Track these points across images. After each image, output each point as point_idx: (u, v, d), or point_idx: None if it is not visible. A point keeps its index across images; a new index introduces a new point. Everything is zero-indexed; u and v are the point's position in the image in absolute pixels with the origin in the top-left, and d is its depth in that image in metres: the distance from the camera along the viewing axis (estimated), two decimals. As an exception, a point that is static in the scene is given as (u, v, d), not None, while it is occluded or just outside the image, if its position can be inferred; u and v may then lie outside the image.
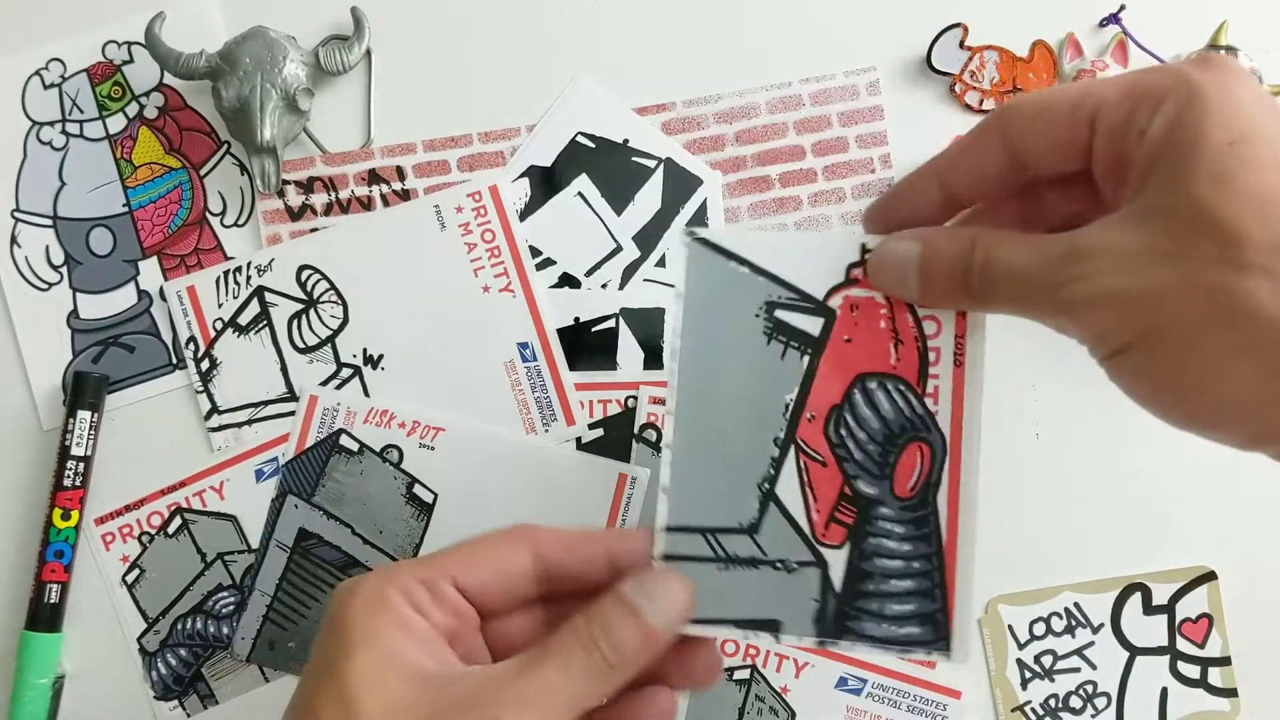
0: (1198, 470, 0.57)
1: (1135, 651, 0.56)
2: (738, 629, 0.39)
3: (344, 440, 0.58)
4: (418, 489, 0.58)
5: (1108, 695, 0.56)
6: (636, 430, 0.57)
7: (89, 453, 0.57)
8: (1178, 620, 0.56)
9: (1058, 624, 0.56)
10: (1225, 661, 0.56)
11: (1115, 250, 0.30)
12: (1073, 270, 0.31)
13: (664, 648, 0.35)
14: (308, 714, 0.31)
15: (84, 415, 0.57)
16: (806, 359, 0.41)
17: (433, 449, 0.57)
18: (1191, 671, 0.56)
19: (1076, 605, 0.56)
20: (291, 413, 0.58)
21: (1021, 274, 0.32)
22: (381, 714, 0.30)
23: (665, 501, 0.40)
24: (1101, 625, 0.56)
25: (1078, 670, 0.56)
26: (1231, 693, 0.56)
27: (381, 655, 0.32)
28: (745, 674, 0.50)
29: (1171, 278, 0.29)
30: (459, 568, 0.35)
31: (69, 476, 0.57)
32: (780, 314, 0.41)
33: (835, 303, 0.41)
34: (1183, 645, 0.56)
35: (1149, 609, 0.56)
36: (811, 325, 0.41)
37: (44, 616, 0.57)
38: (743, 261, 0.41)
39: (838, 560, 0.40)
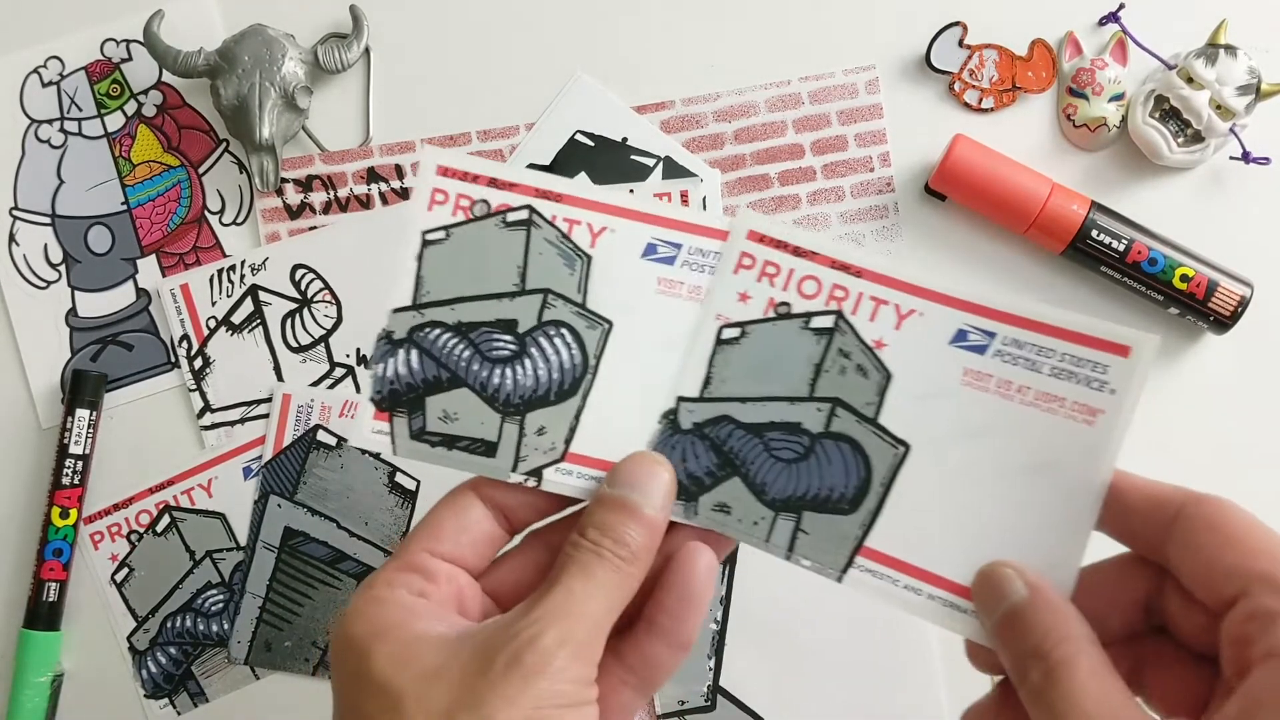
0: (1196, 469, 0.57)
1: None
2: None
3: (321, 435, 0.58)
4: (400, 477, 0.58)
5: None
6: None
7: (88, 451, 0.57)
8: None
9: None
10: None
11: None
12: None
13: (664, 528, 0.35)
14: None
15: (82, 414, 0.57)
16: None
17: None
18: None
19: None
20: (285, 411, 0.59)
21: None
22: (422, 685, 0.30)
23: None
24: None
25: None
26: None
27: (398, 642, 0.31)
28: (828, 321, 0.37)
29: None
30: (427, 542, 0.35)
31: (67, 475, 0.57)
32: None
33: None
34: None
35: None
36: None
37: (42, 615, 0.57)
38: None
39: None
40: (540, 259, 0.38)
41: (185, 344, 0.59)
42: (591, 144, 0.59)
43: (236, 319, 0.59)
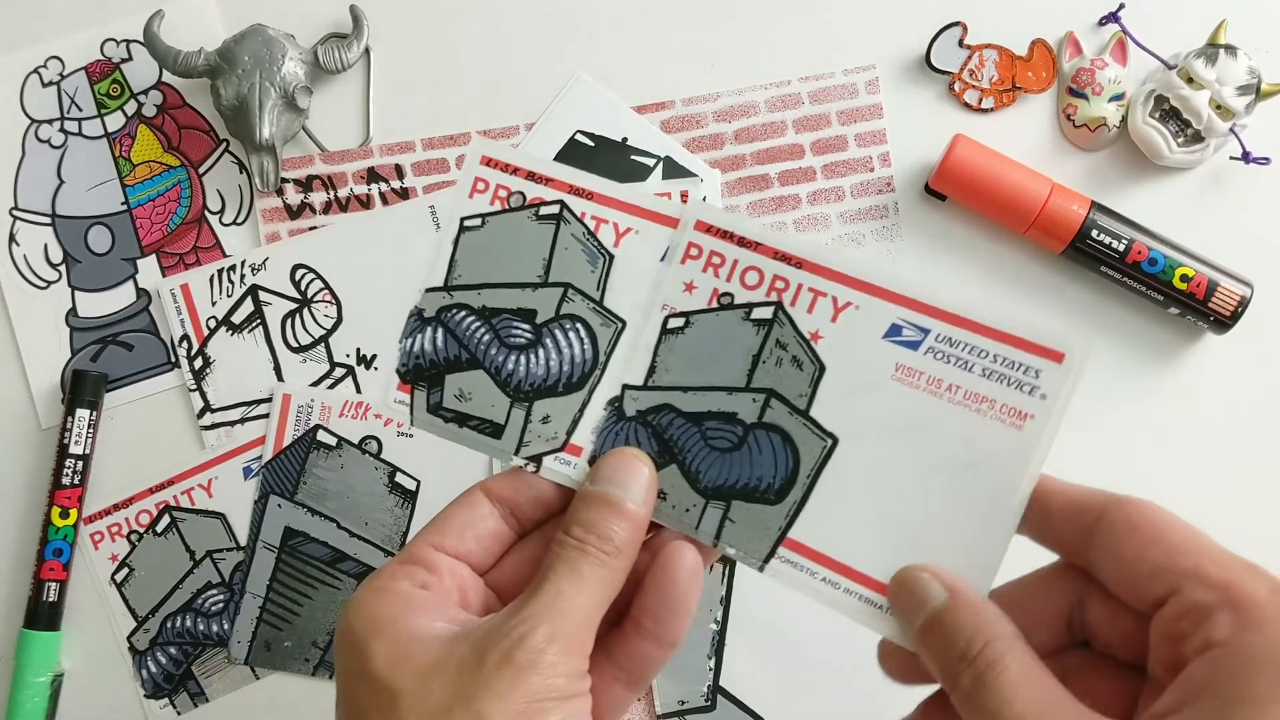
0: (1196, 468, 0.57)
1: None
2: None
3: (321, 436, 0.58)
4: (400, 477, 0.58)
5: None
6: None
7: (88, 451, 0.57)
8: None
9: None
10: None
11: None
12: None
13: (646, 522, 0.35)
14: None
15: (82, 414, 0.57)
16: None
17: (411, 436, 0.57)
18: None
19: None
20: (285, 410, 0.59)
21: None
22: (417, 682, 0.30)
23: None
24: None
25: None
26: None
27: (396, 637, 0.32)
28: (767, 312, 0.37)
29: None
30: (432, 538, 0.36)
31: (67, 475, 0.57)
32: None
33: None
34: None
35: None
36: None
37: (43, 615, 0.57)
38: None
39: None
40: (565, 253, 0.39)
41: (185, 344, 0.59)
42: (591, 144, 0.59)
43: (236, 319, 0.59)
